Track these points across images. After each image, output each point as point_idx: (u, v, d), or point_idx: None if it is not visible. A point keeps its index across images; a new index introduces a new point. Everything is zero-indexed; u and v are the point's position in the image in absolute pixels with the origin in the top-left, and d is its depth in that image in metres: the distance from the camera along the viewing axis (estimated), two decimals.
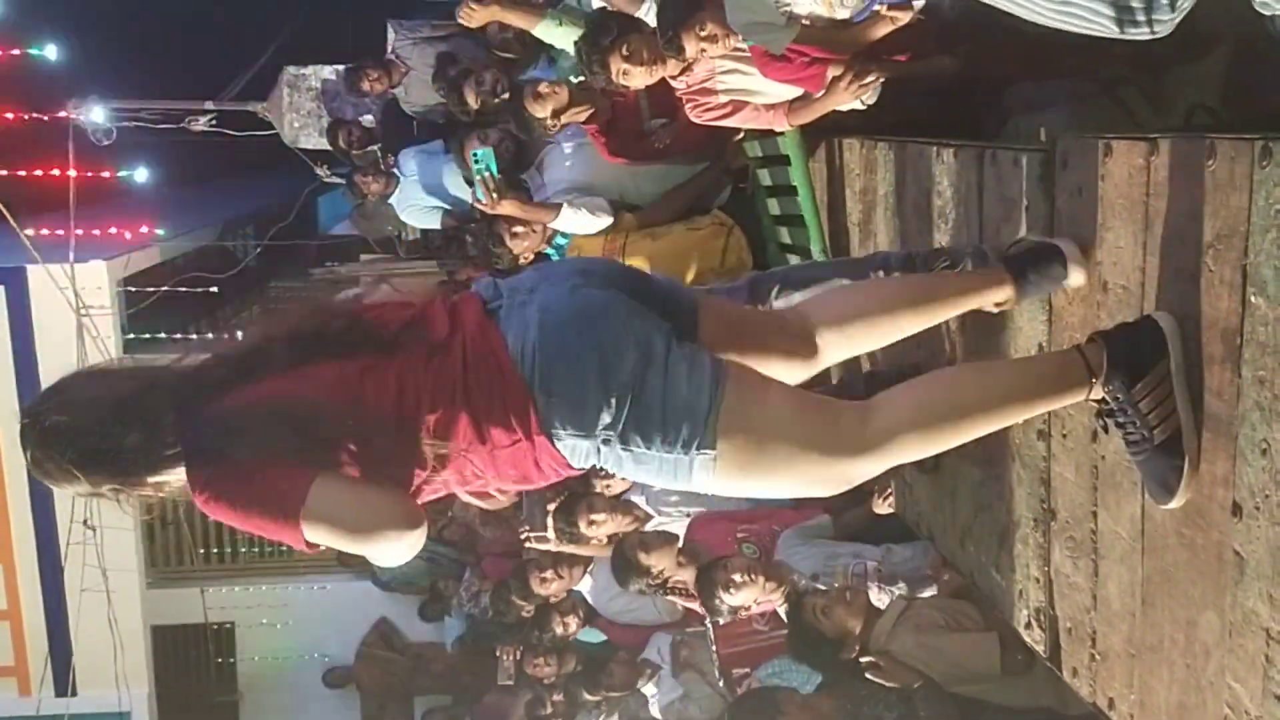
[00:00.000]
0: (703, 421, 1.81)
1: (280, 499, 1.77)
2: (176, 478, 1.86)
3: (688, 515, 4.74)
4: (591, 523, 4.57)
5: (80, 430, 1.82)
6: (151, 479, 1.86)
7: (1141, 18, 1.70)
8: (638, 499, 4.78)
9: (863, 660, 3.32)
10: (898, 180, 3.07)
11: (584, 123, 4.04)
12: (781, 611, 3.74)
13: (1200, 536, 1.86)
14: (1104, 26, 1.75)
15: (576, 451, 1.86)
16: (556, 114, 3.92)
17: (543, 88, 3.93)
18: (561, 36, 4.21)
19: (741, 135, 3.83)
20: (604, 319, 1.85)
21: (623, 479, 4.34)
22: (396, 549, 1.80)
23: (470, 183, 4.32)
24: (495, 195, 4.03)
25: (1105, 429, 1.97)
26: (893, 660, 3.31)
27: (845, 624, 3.36)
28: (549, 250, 4.33)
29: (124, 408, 1.84)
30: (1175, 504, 1.88)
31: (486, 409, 1.83)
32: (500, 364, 1.84)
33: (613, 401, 1.80)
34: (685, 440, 1.81)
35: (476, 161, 4.03)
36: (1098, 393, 1.87)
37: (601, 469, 1.96)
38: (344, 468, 1.82)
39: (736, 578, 3.73)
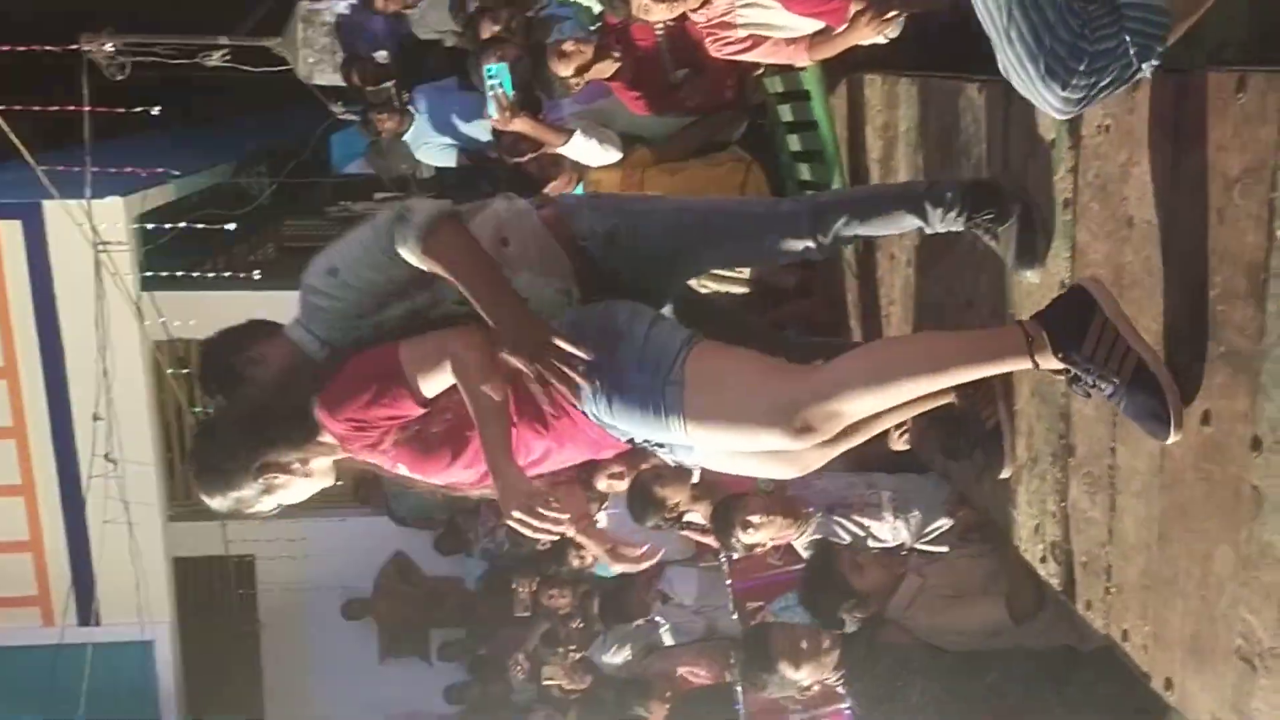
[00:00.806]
0: (672, 356, 2.14)
1: (381, 362, 2.17)
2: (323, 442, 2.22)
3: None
4: (610, 476, 4.62)
5: (239, 416, 2.26)
6: (304, 439, 2.20)
7: (1059, 69, 1.61)
8: None
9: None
10: (920, 117, 3.05)
11: (609, 79, 4.01)
12: (800, 547, 3.78)
13: (1218, 471, 1.87)
14: (1026, 73, 1.67)
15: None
16: (580, 71, 3.89)
17: (567, 46, 3.88)
18: None
19: (761, 70, 3.80)
20: (609, 302, 2.28)
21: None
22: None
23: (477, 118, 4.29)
24: (508, 113, 4.00)
25: (1088, 395, 2.05)
26: (902, 630, 3.37)
27: (876, 585, 3.36)
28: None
29: (273, 396, 2.29)
30: (1173, 437, 1.92)
31: None
32: None
33: (604, 336, 2.17)
34: (659, 367, 2.13)
35: (491, 77, 3.99)
36: (1049, 363, 2.00)
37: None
38: None
39: (754, 519, 3.75)
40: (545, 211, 2.48)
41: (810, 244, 2.52)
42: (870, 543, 3.67)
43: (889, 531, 3.62)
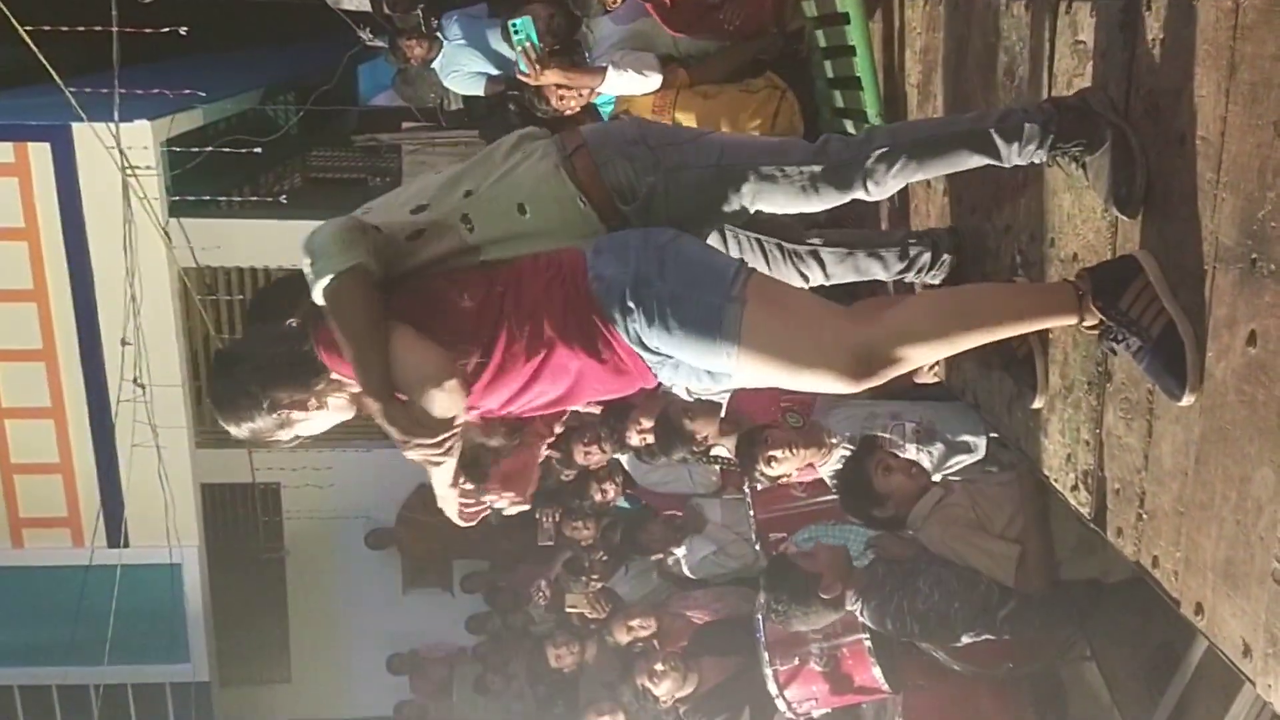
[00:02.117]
0: (731, 274, 2.07)
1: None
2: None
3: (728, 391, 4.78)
4: (641, 432, 4.63)
5: (257, 351, 2.22)
6: (313, 381, 2.18)
7: None
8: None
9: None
10: (962, 37, 2.98)
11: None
12: (826, 476, 3.80)
13: (1262, 393, 1.84)
14: None
15: (612, 292, 2.09)
16: None
17: None
18: None
19: None
20: (647, 228, 2.19)
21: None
22: (437, 400, 2.06)
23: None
24: (538, 66, 3.96)
25: (1113, 351, 2.13)
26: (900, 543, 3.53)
27: (897, 490, 3.47)
28: (596, 102, 4.26)
29: (285, 336, 2.24)
30: (1188, 399, 1.99)
31: (570, 304, 2.13)
32: (566, 258, 2.17)
33: (652, 251, 2.09)
34: (718, 285, 2.05)
35: (516, 32, 3.93)
36: (1091, 319, 2.08)
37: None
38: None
39: (776, 453, 3.81)
40: (580, 160, 2.27)
41: (861, 193, 2.33)
42: None
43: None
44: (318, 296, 2.10)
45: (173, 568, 7.75)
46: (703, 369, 2.18)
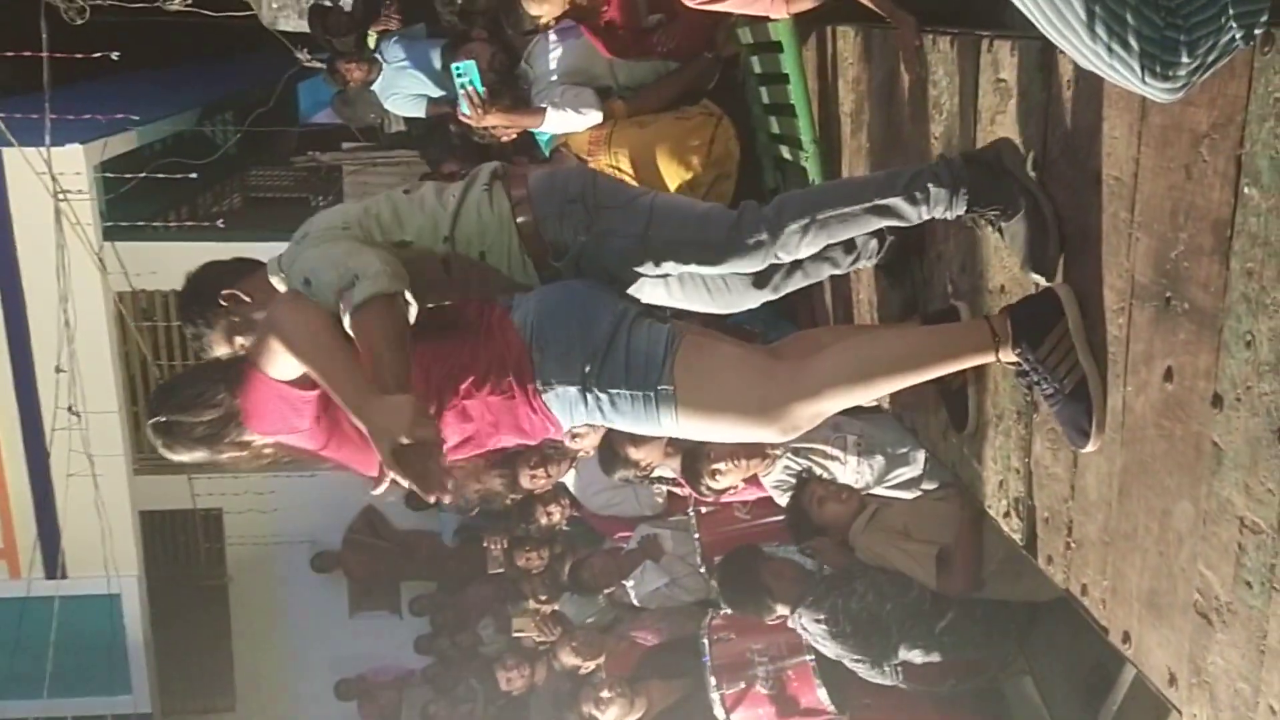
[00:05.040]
0: (660, 364, 2.24)
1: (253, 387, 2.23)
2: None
3: None
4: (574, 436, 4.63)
5: (191, 379, 2.38)
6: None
7: (1157, 66, 1.47)
8: None
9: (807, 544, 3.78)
10: (892, 70, 3.01)
11: (581, 21, 3.96)
12: (769, 486, 3.86)
13: (1179, 428, 1.88)
14: (1128, 79, 1.51)
15: (563, 400, 2.27)
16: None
17: None
18: None
19: (734, 20, 3.75)
20: (587, 296, 2.32)
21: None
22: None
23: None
24: (481, 110, 3.98)
25: (1029, 389, 2.23)
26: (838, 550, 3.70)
27: (833, 518, 3.63)
28: (536, 135, 4.26)
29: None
30: (1091, 447, 2.11)
31: (493, 364, 2.28)
32: (507, 333, 2.30)
33: (591, 354, 2.24)
34: (648, 379, 2.23)
35: (459, 75, 3.96)
36: (1008, 356, 2.17)
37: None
38: None
39: (721, 465, 3.86)
40: (522, 213, 2.40)
41: (772, 261, 2.46)
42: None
43: (851, 475, 3.70)
44: (354, 302, 2.14)
45: (112, 598, 7.62)
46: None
